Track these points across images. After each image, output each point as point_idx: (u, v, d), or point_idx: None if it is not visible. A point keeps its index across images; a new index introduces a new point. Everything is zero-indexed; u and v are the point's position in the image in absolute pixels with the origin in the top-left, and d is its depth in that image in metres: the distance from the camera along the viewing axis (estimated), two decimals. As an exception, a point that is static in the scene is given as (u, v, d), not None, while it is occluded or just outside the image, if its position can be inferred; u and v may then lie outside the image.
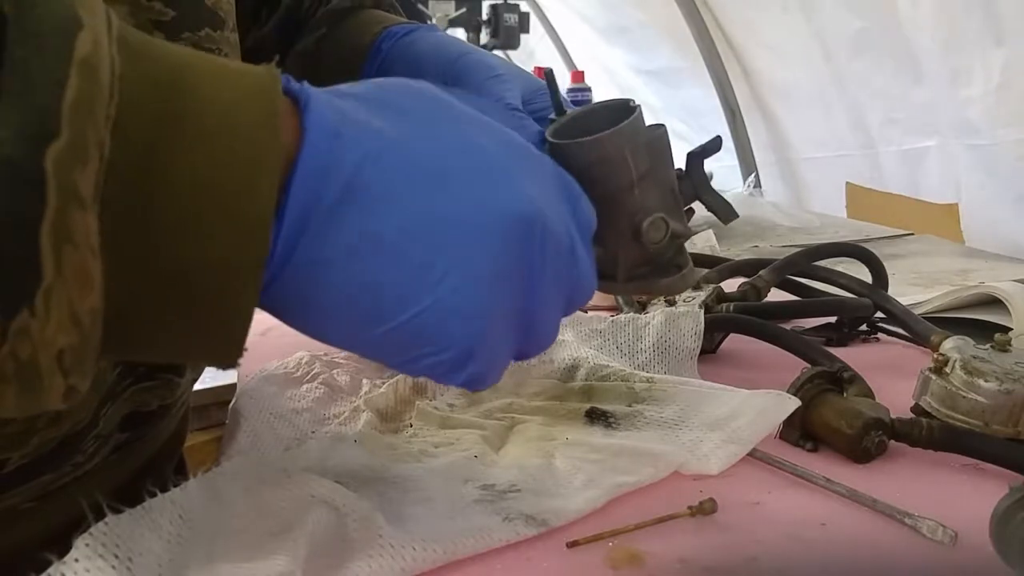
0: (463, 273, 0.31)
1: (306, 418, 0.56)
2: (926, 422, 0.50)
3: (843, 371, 0.56)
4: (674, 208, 0.43)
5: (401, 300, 0.30)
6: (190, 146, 0.26)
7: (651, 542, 0.41)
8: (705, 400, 0.54)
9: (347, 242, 0.29)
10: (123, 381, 0.43)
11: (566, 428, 0.53)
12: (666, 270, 0.43)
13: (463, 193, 0.31)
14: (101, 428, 0.42)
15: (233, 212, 0.26)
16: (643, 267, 0.43)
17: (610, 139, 0.39)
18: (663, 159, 0.42)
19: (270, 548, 0.36)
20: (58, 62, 0.23)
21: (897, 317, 0.76)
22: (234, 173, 0.26)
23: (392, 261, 0.30)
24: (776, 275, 0.77)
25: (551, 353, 0.63)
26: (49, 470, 0.40)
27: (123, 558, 0.34)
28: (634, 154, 0.40)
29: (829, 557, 0.41)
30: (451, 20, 2.25)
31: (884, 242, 1.26)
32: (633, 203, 0.40)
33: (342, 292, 0.30)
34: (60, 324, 0.24)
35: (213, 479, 0.40)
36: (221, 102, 0.27)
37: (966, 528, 0.41)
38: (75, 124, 0.23)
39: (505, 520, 0.41)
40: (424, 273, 0.30)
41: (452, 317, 0.31)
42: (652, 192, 0.41)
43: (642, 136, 0.41)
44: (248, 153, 0.27)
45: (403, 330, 0.31)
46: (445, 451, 0.50)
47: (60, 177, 0.23)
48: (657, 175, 0.41)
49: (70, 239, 0.23)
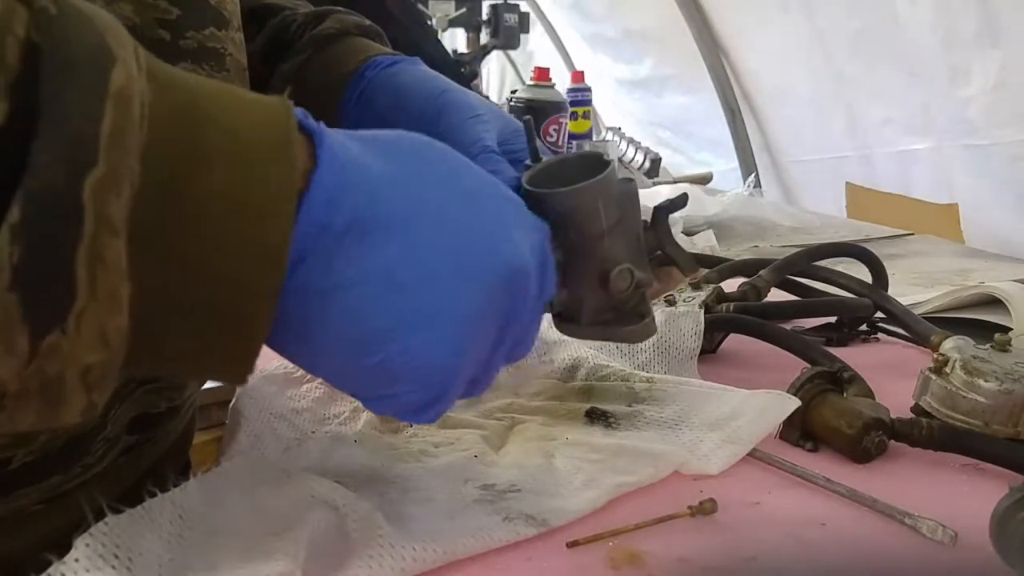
0: (452, 316, 0.32)
1: (306, 418, 0.56)
2: (926, 422, 0.50)
3: (843, 371, 0.56)
4: (640, 258, 0.44)
5: (389, 336, 0.31)
6: (210, 175, 0.27)
7: (651, 542, 0.41)
8: (705, 400, 0.54)
9: (345, 274, 0.30)
10: (131, 383, 0.44)
11: (566, 428, 0.53)
12: (629, 318, 0.45)
13: (461, 238, 0.33)
14: (109, 430, 0.42)
15: (252, 239, 0.27)
16: (607, 313, 0.44)
17: (586, 190, 0.41)
18: (632, 211, 0.44)
19: (270, 548, 0.36)
20: (95, 95, 0.24)
21: (897, 317, 0.75)
22: (253, 202, 0.27)
23: (386, 297, 0.31)
24: (776, 275, 0.77)
25: (551, 353, 0.63)
26: (58, 471, 0.40)
27: (123, 558, 0.34)
28: (606, 206, 0.41)
29: (829, 557, 0.41)
30: (451, 20, 2.25)
31: (884, 242, 1.26)
32: (602, 252, 0.42)
33: (333, 323, 0.31)
34: (90, 343, 0.25)
35: (213, 479, 0.40)
36: (239, 132, 0.28)
37: (966, 528, 0.41)
38: (111, 155, 0.24)
39: (505, 520, 0.41)
40: (415, 312, 0.31)
41: (436, 357, 0.32)
42: (620, 242, 0.43)
43: (614, 188, 0.42)
44: (265, 182, 0.28)
45: (385, 365, 0.32)
46: (445, 451, 0.50)
47: (97, 205, 0.24)
48: (626, 226, 0.43)
49: (103, 263, 0.25)
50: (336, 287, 0.30)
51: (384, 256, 0.31)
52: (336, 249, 0.30)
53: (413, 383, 0.32)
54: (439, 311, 0.32)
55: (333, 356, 0.32)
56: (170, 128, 0.27)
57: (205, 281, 0.27)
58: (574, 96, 1.63)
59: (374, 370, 0.32)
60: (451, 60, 1.97)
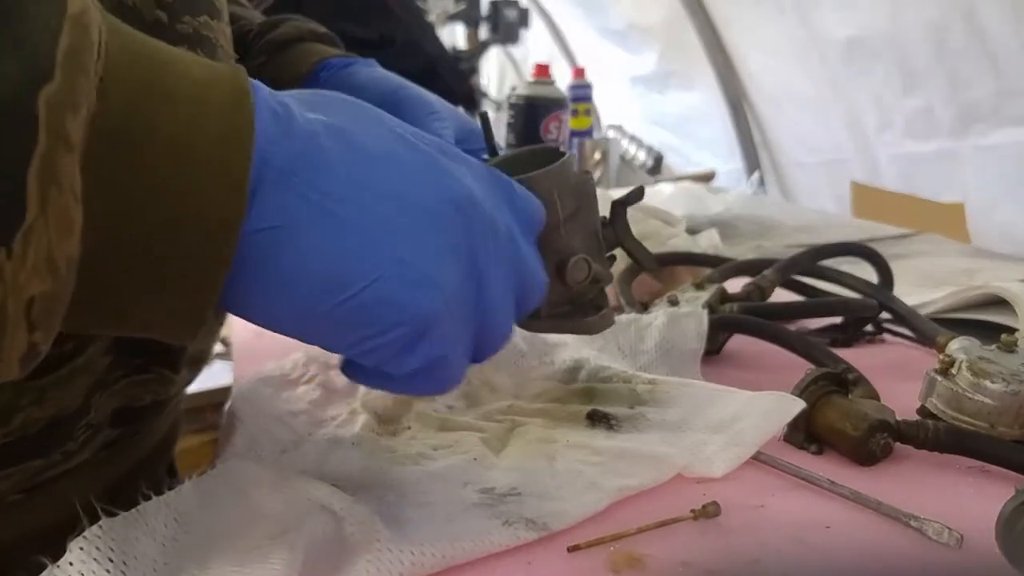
0: (409, 246, 0.31)
1: (303, 420, 0.56)
2: (932, 424, 0.49)
3: (848, 372, 0.55)
4: (597, 252, 0.45)
5: (349, 272, 0.31)
6: (170, 110, 0.27)
7: (653, 546, 0.40)
8: (708, 402, 0.54)
9: (294, 209, 0.30)
10: (116, 371, 0.43)
11: (567, 430, 0.52)
12: (586, 311, 0.45)
13: (404, 172, 0.32)
14: (92, 417, 0.42)
15: (213, 174, 0.27)
16: (565, 306, 0.45)
17: (541, 179, 0.41)
18: (588, 204, 0.44)
19: (266, 552, 0.36)
20: (53, 13, 0.24)
21: (903, 318, 0.75)
22: (212, 136, 0.27)
23: (339, 232, 0.30)
24: (780, 275, 0.77)
25: (552, 355, 0.63)
26: (38, 455, 0.40)
27: (117, 562, 0.34)
28: (562, 196, 0.42)
29: (834, 560, 0.40)
30: (450, 16, 2.25)
31: (889, 242, 1.25)
32: (559, 242, 0.42)
33: (288, 264, 0.30)
34: (36, 268, 0.24)
35: (208, 482, 0.40)
36: (194, 75, 0.28)
37: (972, 530, 0.40)
38: (67, 71, 0.24)
39: (505, 524, 0.40)
40: (371, 245, 0.31)
41: (401, 288, 0.31)
42: (577, 234, 0.43)
43: (571, 180, 0.43)
44: (224, 119, 0.28)
45: (352, 304, 0.31)
46: (444, 454, 0.49)
47: (51, 119, 0.24)
48: (582, 218, 0.44)
49: (56, 181, 0.24)
50: (284, 224, 0.30)
51: (330, 191, 0.30)
52: (280, 184, 0.29)
53: (386, 319, 0.31)
54: (395, 242, 0.31)
55: (300, 304, 0.31)
56: (127, 64, 0.27)
57: (166, 216, 0.27)
58: (575, 93, 1.63)
59: (341, 312, 0.31)
60: (450, 56, 1.97)
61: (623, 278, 0.79)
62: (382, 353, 0.33)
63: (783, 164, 2.49)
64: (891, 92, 1.87)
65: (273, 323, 0.32)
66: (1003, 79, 1.54)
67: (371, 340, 0.32)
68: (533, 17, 2.67)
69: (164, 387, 0.48)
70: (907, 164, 1.92)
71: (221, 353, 1.07)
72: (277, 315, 0.32)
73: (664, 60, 2.86)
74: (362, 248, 0.31)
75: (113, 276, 0.28)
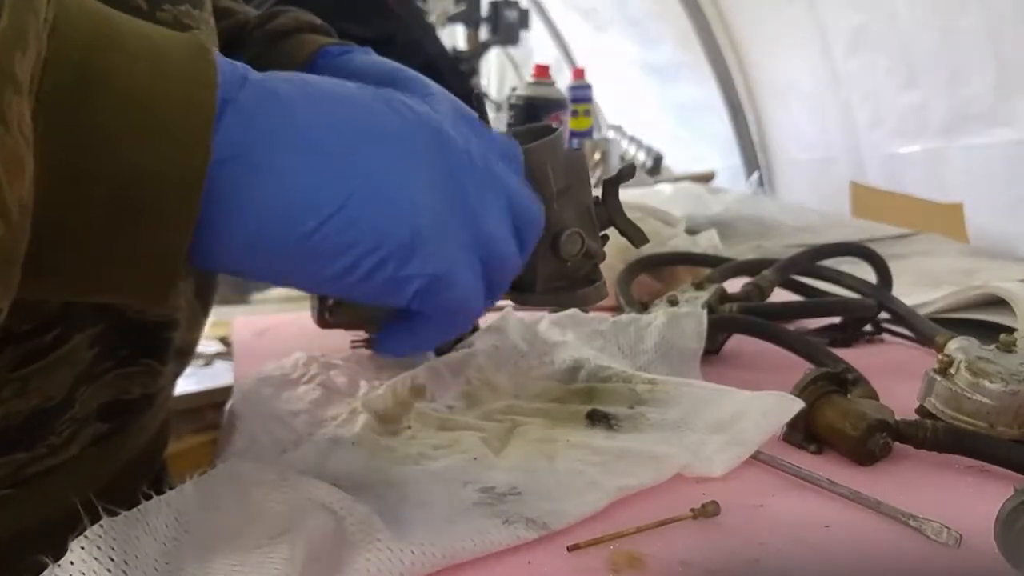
0: (382, 166, 0.32)
1: (303, 420, 0.56)
2: (931, 424, 0.49)
3: (847, 372, 0.55)
4: (590, 227, 0.45)
5: (317, 198, 0.31)
6: (127, 59, 0.27)
7: (653, 545, 0.40)
8: (708, 402, 0.54)
9: (255, 142, 0.30)
10: (103, 363, 0.43)
11: (567, 430, 0.52)
12: (581, 285, 0.46)
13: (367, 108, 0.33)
14: (77, 410, 0.42)
15: (175, 120, 0.27)
16: (559, 280, 0.45)
17: (533, 152, 0.42)
18: (581, 179, 0.45)
19: (267, 551, 0.36)
20: None
21: (902, 317, 0.75)
22: (174, 85, 0.27)
23: (302, 161, 0.31)
24: (779, 275, 0.77)
25: (552, 354, 0.63)
26: (21, 448, 0.40)
27: (119, 561, 0.34)
28: (554, 170, 0.43)
29: (833, 560, 0.40)
30: (450, 17, 2.25)
31: (888, 242, 1.25)
32: (552, 216, 0.43)
33: (255, 196, 0.30)
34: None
35: (209, 481, 0.40)
36: (151, 32, 0.28)
37: (971, 530, 0.40)
38: (15, 9, 0.23)
39: (505, 523, 0.40)
40: (337, 170, 0.31)
41: (379, 203, 0.31)
42: (569, 209, 0.44)
43: (562, 154, 0.43)
44: (185, 66, 0.28)
45: (332, 227, 0.31)
46: (444, 453, 0.49)
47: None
48: (574, 194, 0.44)
49: (3, 119, 0.23)
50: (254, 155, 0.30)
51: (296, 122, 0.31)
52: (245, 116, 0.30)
53: (369, 238, 0.32)
54: (368, 163, 0.32)
55: (280, 237, 0.31)
56: (81, 17, 0.26)
57: (126, 165, 0.27)
58: (575, 93, 1.63)
59: (324, 240, 0.31)
60: (450, 57, 1.97)
61: (623, 278, 0.79)
62: (374, 282, 0.32)
63: (778, 162, 2.49)
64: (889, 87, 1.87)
65: (248, 264, 0.32)
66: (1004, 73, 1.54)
67: (358, 268, 0.32)
68: (533, 18, 2.67)
69: (152, 380, 0.48)
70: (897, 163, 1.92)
71: (221, 353, 1.07)
72: (250, 255, 0.31)
73: (664, 55, 2.86)
74: (328, 174, 0.31)
75: (80, 228, 0.27)
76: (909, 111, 1.83)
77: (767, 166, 2.51)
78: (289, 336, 0.78)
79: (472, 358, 0.61)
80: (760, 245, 1.24)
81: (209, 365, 1.05)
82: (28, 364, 0.38)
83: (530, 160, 0.42)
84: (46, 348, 0.39)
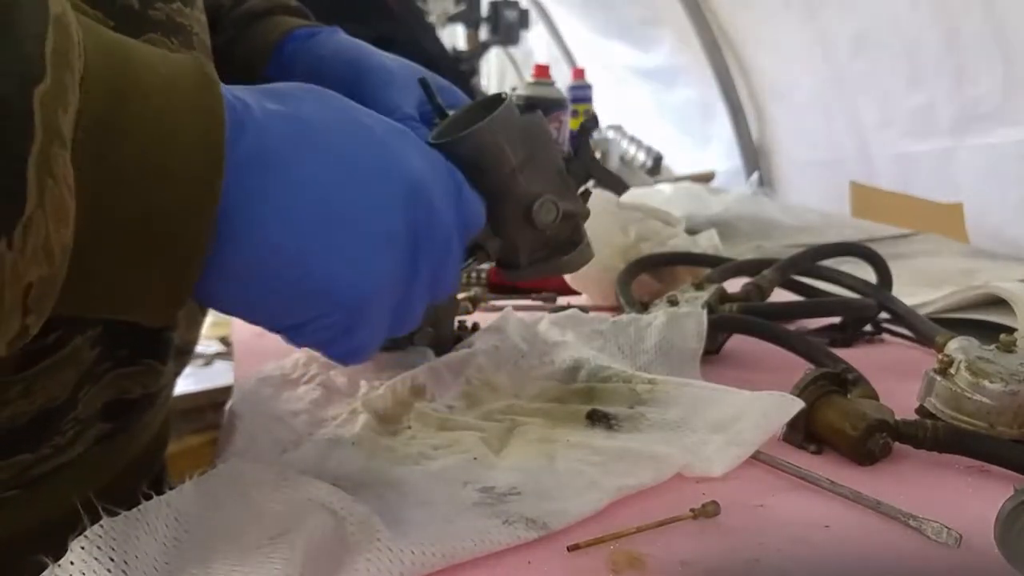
0: (356, 232, 0.34)
1: (303, 420, 0.56)
2: (931, 424, 0.49)
3: (847, 372, 0.55)
4: (563, 189, 0.44)
5: (298, 258, 0.33)
6: (144, 104, 0.28)
7: (653, 545, 0.40)
8: (708, 402, 0.54)
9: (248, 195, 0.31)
10: (104, 363, 0.44)
11: (567, 430, 0.52)
12: (565, 249, 0.45)
13: (354, 160, 0.34)
14: (80, 410, 0.42)
15: (190, 161, 0.29)
16: (542, 250, 0.45)
17: (482, 131, 0.41)
18: (541, 143, 0.44)
19: (267, 551, 0.36)
20: (38, 15, 0.26)
21: (902, 318, 0.75)
22: (187, 127, 0.29)
23: (289, 221, 0.32)
24: (780, 275, 0.77)
25: (552, 354, 0.63)
26: (26, 449, 0.40)
27: (119, 561, 0.34)
28: (510, 142, 0.42)
29: (833, 559, 0.40)
30: (451, 17, 2.24)
31: (888, 242, 1.25)
32: (519, 189, 0.42)
33: (248, 251, 0.32)
34: (34, 257, 0.26)
35: (209, 481, 0.40)
36: (163, 69, 0.30)
37: (971, 530, 0.40)
38: (56, 70, 0.25)
39: (505, 523, 0.40)
40: (319, 232, 0.33)
41: (345, 275, 0.34)
42: (536, 176, 0.43)
43: (516, 124, 0.43)
44: (196, 109, 0.29)
45: (298, 288, 0.33)
46: (444, 453, 0.49)
47: (45, 116, 0.25)
48: (538, 160, 0.43)
49: (52, 174, 0.25)
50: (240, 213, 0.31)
51: (283, 183, 0.32)
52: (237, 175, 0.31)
53: (327, 305, 0.34)
54: (342, 229, 0.33)
55: (255, 290, 0.33)
56: (102, 60, 0.28)
57: (148, 203, 0.28)
58: (575, 93, 1.63)
59: (289, 296, 0.33)
60: (450, 57, 1.96)
61: (623, 278, 0.79)
62: (319, 338, 0.35)
63: (781, 164, 2.48)
64: (895, 88, 1.87)
65: (215, 299, 0.34)
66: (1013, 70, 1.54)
67: (308, 326, 0.35)
68: (533, 19, 2.67)
69: (153, 379, 0.48)
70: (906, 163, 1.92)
71: (221, 353, 1.07)
72: (233, 297, 0.34)
73: (664, 56, 2.86)
74: (304, 237, 0.33)
75: (99, 260, 0.29)
76: (916, 111, 1.83)
77: (770, 169, 2.50)
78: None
79: (472, 358, 0.61)
80: (760, 245, 1.24)
81: (209, 365, 1.05)
82: (32, 365, 0.39)
83: (483, 139, 0.41)
84: (48, 349, 0.39)
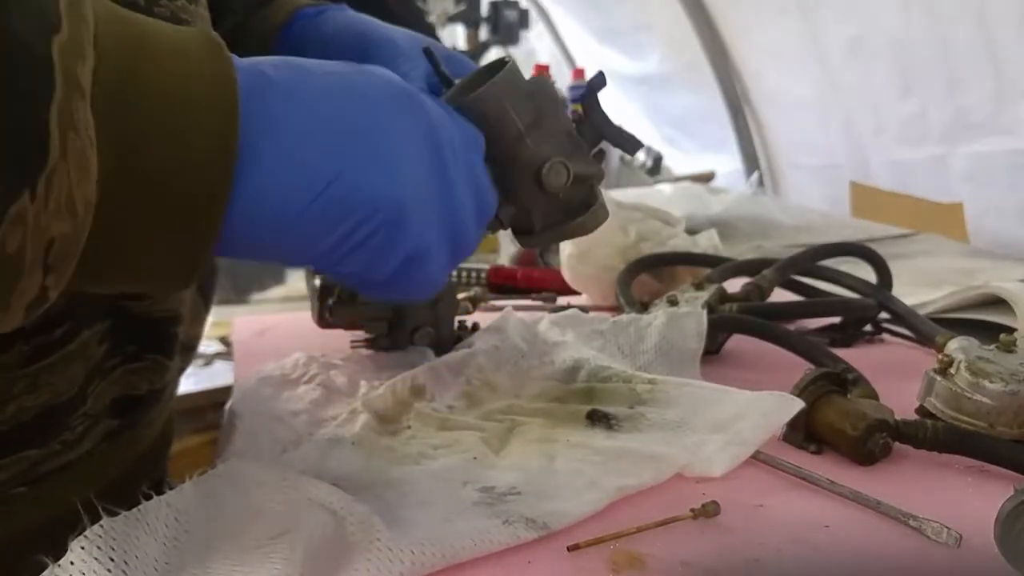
0: (372, 140, 0.33)
1: (303, 420, 0.56)
2: (931, 424, 0.49)
3: (847, 372, 0.55)
4: (574, 152, 0.44)
5: (318, 170, 0.32)
6: (159, 64, 0.28)
7: (653, 545, 0.40)
8: (708, 402, 0.54)
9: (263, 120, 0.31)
10: (112, 358, 0.44)
11: (567, 430, 0.52)
12: (578, 212, 0.44)
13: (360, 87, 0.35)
14: (89, 406, 0.43)
15: (206, 121, 0.29)
16: (556, 215, 0.44)
17: (486, 95, 0.41)
18: (548, 106, 0.43)
19: (267, 551, 0.36)
20: None
21: (902, 317, 0.75)
22: (202, 87, 0.29)
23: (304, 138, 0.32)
24: (780, 275, 0.77)
25: (552, 354, 0.63)
26: (34, 444, 0.40)
27: (119, 561, 0.34)
28: (515, 106, 0.41)
29: (833, 560, 0.40)
30: (450, 17, 2.25)
31: (888, 242, 1.25)
32: (527, 153, 0.42)
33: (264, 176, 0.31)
34: (57, 210, 0.25)
35: (209, 481, 0.40)
36: (173, 35, 0.30)
37: (971, 530, 0.40)
38: (72, 21, 0.25)
39: (505, 523, 0.40)
40: (335, 144, 0.33)
41: (368, 177, 0.33)
42: (545, 139, 0.42)
43: (521, 87, 0.42)
44: (210, 70, 0.29)
45: (331, 195, 0.32)
46: (444, 453, 0.49)
47: (65, 66, 0.25)
48: (546, 122, 0.43)
49: (73, 125, 0.25)
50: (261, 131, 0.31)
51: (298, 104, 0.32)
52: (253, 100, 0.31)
53: (365, 206, 0.33)
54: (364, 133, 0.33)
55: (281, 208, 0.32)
56: (114, 24, 0.28)
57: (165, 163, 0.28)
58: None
59: (322, 207, 0.32)
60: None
61: (623, 278, 0.80)
62: (363, 252, 0.34)
63: (781, 167, 2.48)
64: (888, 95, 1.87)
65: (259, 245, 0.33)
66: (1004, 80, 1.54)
67: (350, 238, 0.33)
68: (533, 19, 2.67)
69: (159, 375, 0.48)
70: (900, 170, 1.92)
71: (221, 353, 1.07)
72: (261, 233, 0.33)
73: (665, 61, 2.86)
74: (327, 147, 0.32)
75: (120, 221, 0.29)
76: (909, 119, 1.83)
77: (771, 174, 2.51)
78: (289, 336, 0.78)
79: (472, 358, 0.61)
80: (760, 245, 1.24)
81: (209, 365, 1.05)
82: (38, 360, 0.39)
83: (487, 103, 0.40)
84: (55, 344, 0.39)
